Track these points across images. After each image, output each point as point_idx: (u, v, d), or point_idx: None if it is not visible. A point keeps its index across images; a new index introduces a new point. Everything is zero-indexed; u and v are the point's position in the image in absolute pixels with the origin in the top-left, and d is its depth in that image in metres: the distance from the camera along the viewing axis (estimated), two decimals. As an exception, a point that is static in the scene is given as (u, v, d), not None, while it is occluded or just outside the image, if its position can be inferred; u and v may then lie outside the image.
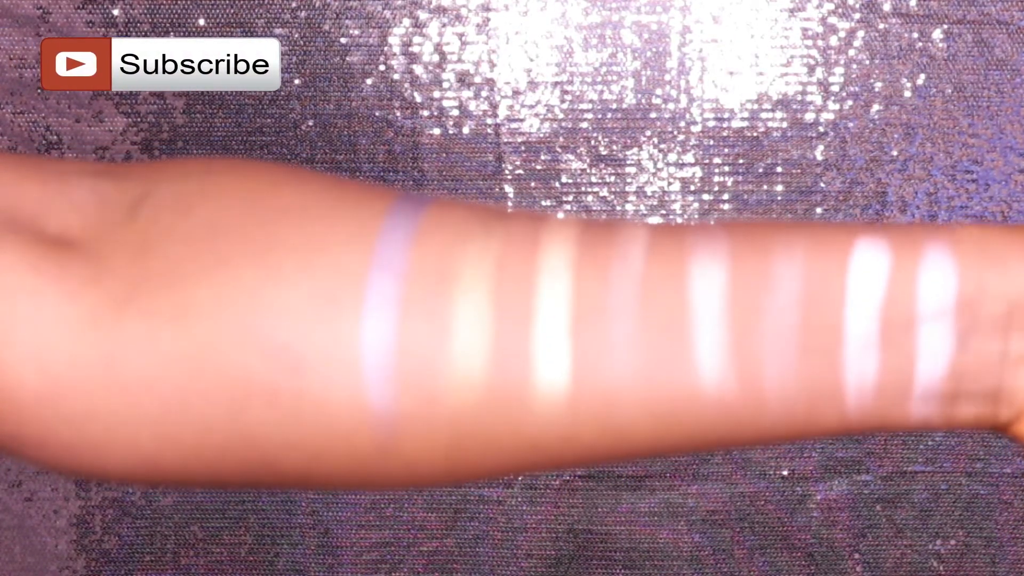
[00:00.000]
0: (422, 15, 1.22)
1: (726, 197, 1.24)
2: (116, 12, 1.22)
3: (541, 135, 1.24)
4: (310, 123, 1.24)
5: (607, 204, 1.25)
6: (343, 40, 1.23)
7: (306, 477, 0.41)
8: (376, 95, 1.23)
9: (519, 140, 1.24)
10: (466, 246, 0.40)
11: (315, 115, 1.24)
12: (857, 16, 1.21)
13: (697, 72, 1.22)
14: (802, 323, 0.40)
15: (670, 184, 1.24)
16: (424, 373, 0.39)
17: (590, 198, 1.25)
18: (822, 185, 1.23)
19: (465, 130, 1.24)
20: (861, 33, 1.21)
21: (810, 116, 1.22)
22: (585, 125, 1.24)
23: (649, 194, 1.24)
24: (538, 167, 1.24)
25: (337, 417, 0.40)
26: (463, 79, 1.23)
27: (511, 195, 1.25)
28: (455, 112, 1.23)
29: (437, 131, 1.24)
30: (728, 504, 1.27)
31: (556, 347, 0.40)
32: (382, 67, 1.23)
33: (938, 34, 1.21)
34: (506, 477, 0.68)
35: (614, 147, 1.24)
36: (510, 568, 1.29)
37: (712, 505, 1.27)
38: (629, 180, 1.24)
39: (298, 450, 0.40)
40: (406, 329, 0.39)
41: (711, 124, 1.23)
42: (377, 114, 1.24)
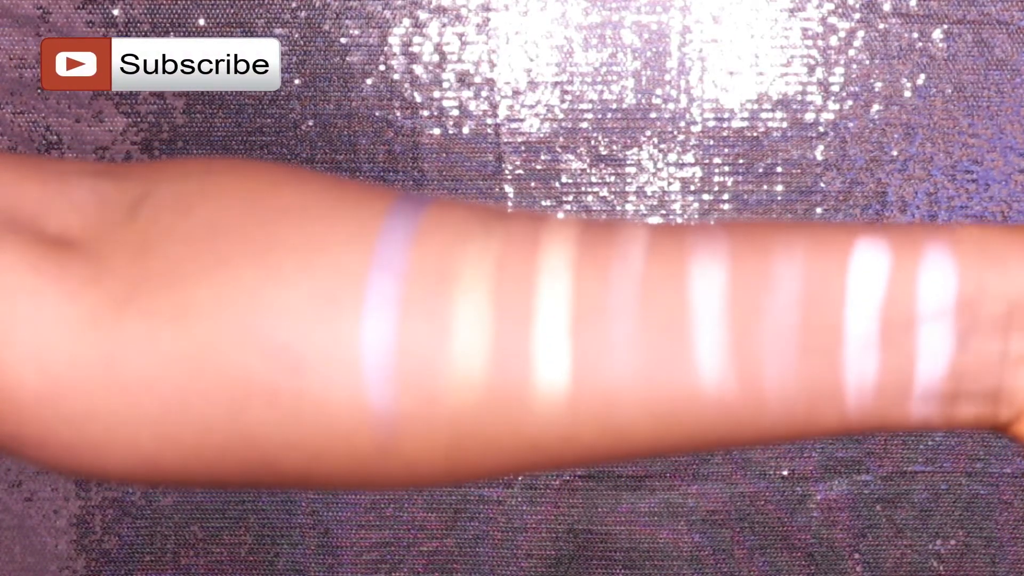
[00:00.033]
0: (422, 15, 1.22)
1: (726, 197, 1.24)
2: (116, 12, 1.22)
3: (541, 135, 1.24)
4: (310, 123, 1.24)
5: (607, 204, 1.25)
6: (343, 40, 1.23)
7: (306, 477, 0.41)
8: (376, 95, 1.23)
9: (519, 140, 1.24)
10: (466, 246, 0.40)
11: (315, 115, 1.24)
12: (857, 16, 1.21)
13: (697, 72, 1.22)
14: (802, 323, 0.40)
15: (670, 184, 1.24)
16: (424, 373, 0.39)
17: (590, 198, 1.25)
18: (822, 185, 1.23)
19: (465, 130, 1.24)
20: (861, 33, 1.21)
21: (810, 116, 1.22)
22: (585, 125, 1.24)
23: (649, 194, 1.24)
24: (538, 167, 1.24)
25: (337, 417, 0.40)
26: (463, 79, 1.23)
27: (511, 195, 1.25)
28: (455, 112, 1.23)
29: (437, 131, 1.24)
30: (728, 504, 1.27)
31: (556, 347, 0.40)
32: (382, 67, 1.23)
33: (938, 34, 1.21)
34: (506, 477, 0.68)
35: (614, 147, 1.24)
36: (510, 568, 1.29)
37: (712, 505, 1.27)
38: (629, 180, 1.24)
39: (298, 450, 0.40)
40: (406, 329, 0.39)
41: (711, 124, 1.23)
42: (377, 114, 1.24)
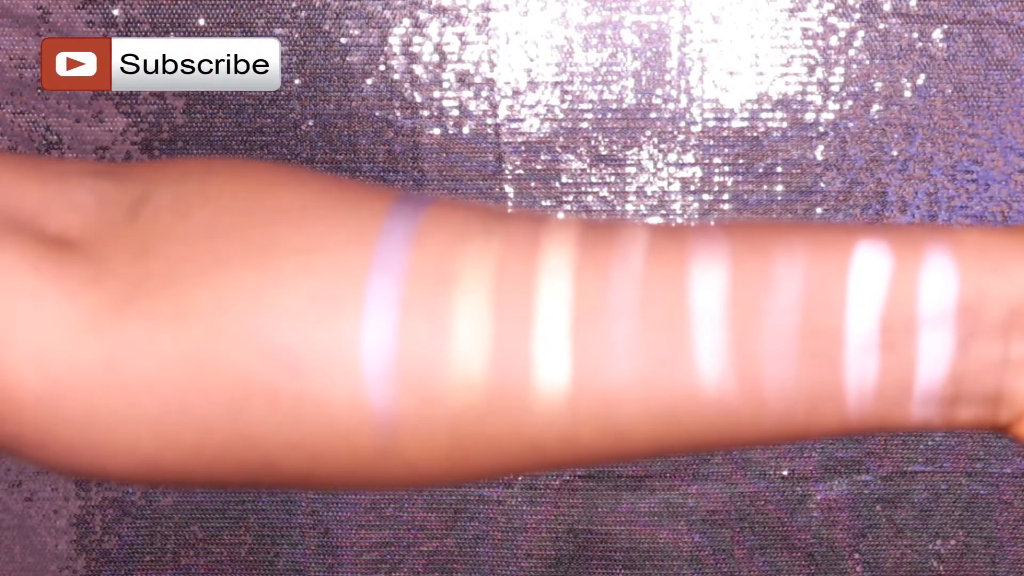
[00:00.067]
0: (422, 15, 1.22)
1: (726, 197, 1.24)
2: (116, 12, 1.22)
3: (541, 135, 1.24)
4: (310, 123, 1.24)
5: (607, 204, 1.25)
6: (343, 40, 1.23)
7: (306, 477, 0.41)
8: (376, 95, 1.23)
9: (519, 140, 1.24)
10: (466, 247, 0.40)
11: (315, 115, 1.24)
12: (857, 16, 1.21)
13: (697, 72, 1.22)
14: (802, 324, 0.40)
15: (670, 184, 1.24)
16: (424, 374, 0.39)
17: (590, 198, 1.25)
18: (822, 185, 1.23)
19: (465, 130, 1.24)
20: (861, 33, 1.21)
21: (810, 116, 1.22)
22: (585, 125, 1.24)
23: (649, 194, 1.24)
24: (538, 167, 1.24)
25: (337, 418, 0.40)
26: (463, 79, 1.23)
27: (511, 195, 1.25)
28: (455, 112, 1.23)
29: (437, 131, 1.24)
30: (728, 504, 1.27)
31: (556, 348, 0.40)
32: (382, 67, 1.23)
33: (938, 34, 1.21)
34: (506, 477, 0.68)
35: (614, 147, 1.24)
36: (510, 568, 1.29)
37: (712, 505, 1.27)
38: (629, 180, 1.24)
39: (298, 451, 0.40)
40: (406, 330, 0.39)
41: (711, 124, 1.23)
42: (377, 114, 1.24)
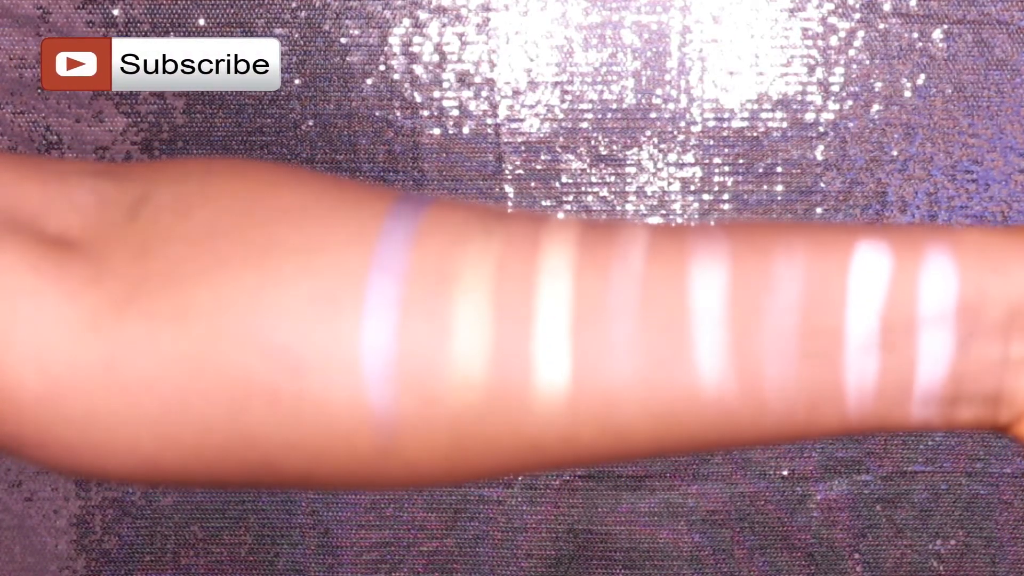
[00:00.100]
0: (422, 15, 1.22)
1: (726, 197, 1.24)
2: (116, 12, 1.22)
3: (541, 135, 1.24)
4: (310, 123, 1.24)
5: (607, 204, 1.25)
6: (343, 40, 1.23)
7: (306, 478, 0.41)
8: (376, 95, 1.23)
9: (519, 140, 1.24)
10: (466, 247, 0.40)
11: (315, 115, 1.24)
12: (857, 16, 1.21)
13: (697, 72, 1.22)
14: (802, 324, 0.40)
15: (670, 184, 1.24)
16: (424, 374, 0.39)
17: (590, 198, 1.25)
18: (822, 185, 1.23)
19: (465, 130, 1.24)
20: (861, 33, 1.21)
21: (810, 116, 1.22)
22: (585, 125, 1.24)
23: (649, 194, 1.24)
24: (538, 167, 1.24)
25: (337, 418, 0.40)
26: (463, 79, 1.23)
27: (511, 195, 1.25)
28: (455, 112, 1.23)
29: (437, 131, 1.24)
30: (728, 504, 1.27)
31: (556, 348, 0.40)
32: (382, 67, 1.23)
33: (938, 34, 1.21)
34: (506, 477, 0.68)
35: (614, 147, 1.24)
36: (510, 568, 1.29)
37: (712, 505, 1.27)
38: (629, 180, 1.24)
39: (298, 451, 0.40)
40: (406, 330, 0.39)
41: (711, 124, 1.23)
42: (377, 114, 1.24)
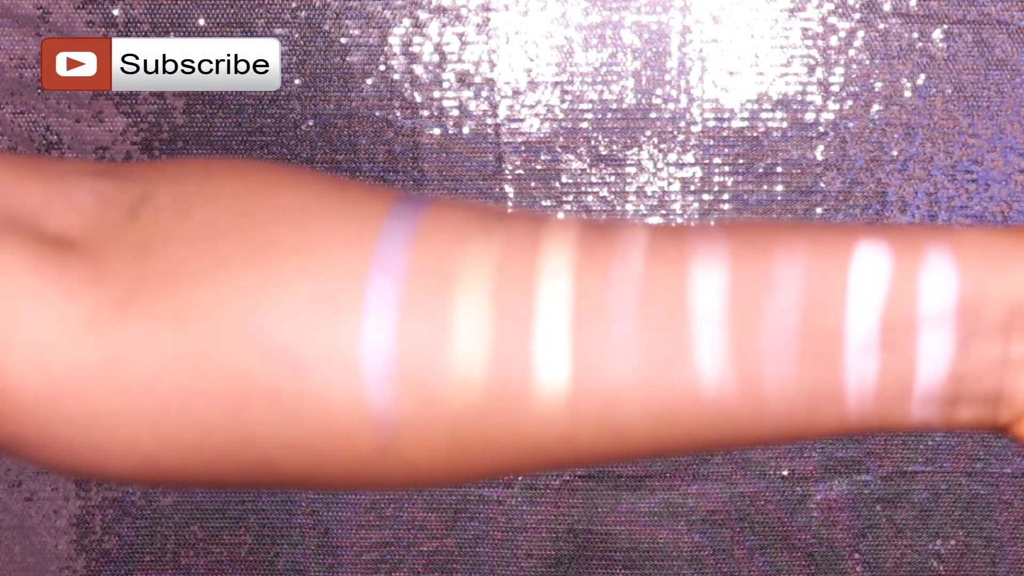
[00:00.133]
0: (422, 15, 1.22)
1: (726, 197, 1.24)
2: (116, 12, 1.22)
3: (541, 135, 1.24)
4: (310, 123, 1.24)
5: (607, 204, 1.25)
6: (343, 40, 1.23)
7: (306, 478, 0.41)
8: (376, 95, 1.23)
9: (519, 140, 1.24)
10: (466, 247, 0.40)
11: (315, 115, 1.24)
12: (857, 16, 1.21)
13: (697, 72, 1.22)
14: (802, 324, 0.40)
15: (670, 184, 1.24)
16: (424, 374, 0.39)
17: (590, 198, 1.25)
18: (822, 185, 1.23)
19: (465, 130, 1.24)
20: (861, 33, 1.21)
21: (810, 116, 1.22)
22: (585, 125, 1.24)
23: (649, 194, 1.24)
24: (538, 167, 1.24)
25: (337, 418, 0.40)
26: (463, 79, 1.23)
27: (511, 195, 1.25)
28: (455, 112, 1.23)
29: (437, 131, 1.24)
30: (728, 504, 1.27)
31: (556, 348, 0.40)
32: (382, 67, 1.23)
33: (938, 34, 1.21)
34: (506, 477, 0.68)
35: (614, 147, 1.24)
36: (510, 568, 1.29)
37: (712, 505, 1.27)
38: (629, 180, 1.24)
39: (298, 451, 0.40)
40: (406, 330, 0.39)
41: (711, 124, 1.23)
42: (377, 114, 1.24)
